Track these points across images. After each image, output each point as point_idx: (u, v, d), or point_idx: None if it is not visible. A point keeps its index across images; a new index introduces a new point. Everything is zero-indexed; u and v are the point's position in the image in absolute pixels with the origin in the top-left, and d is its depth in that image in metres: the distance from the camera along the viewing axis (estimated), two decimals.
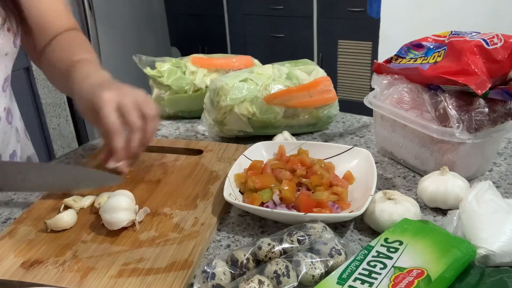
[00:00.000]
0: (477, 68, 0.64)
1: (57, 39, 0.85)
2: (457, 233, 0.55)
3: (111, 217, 0.60)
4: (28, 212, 0.66)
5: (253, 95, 0.85)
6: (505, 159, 0.79)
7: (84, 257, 0.56)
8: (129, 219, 0.60)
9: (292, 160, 0.71)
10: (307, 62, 0.97)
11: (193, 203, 0.67)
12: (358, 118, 1.00)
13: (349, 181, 0.69)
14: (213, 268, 0.50)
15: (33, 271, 0.54)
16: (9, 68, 0.79)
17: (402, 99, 0.74)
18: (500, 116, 0.67)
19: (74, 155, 0.88)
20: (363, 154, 0.72)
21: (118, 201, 0.60)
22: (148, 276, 0.53)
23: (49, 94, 2.39)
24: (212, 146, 0.84)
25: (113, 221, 0.60)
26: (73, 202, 0.66)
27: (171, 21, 3.61)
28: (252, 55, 1.07)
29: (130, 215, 0.60)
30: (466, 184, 0.65)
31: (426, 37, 0.75)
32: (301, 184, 0.67)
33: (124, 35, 2.94)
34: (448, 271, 0.47)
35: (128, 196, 0.63)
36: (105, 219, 0.60)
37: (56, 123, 2.46)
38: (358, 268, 0.48)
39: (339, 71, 3.07)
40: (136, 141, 0.67)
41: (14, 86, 0.84)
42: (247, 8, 3.27)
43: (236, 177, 0.69)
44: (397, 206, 0.60)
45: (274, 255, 0.52)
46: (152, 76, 1.00)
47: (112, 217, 0.60)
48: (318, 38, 3.07)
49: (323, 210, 0.61)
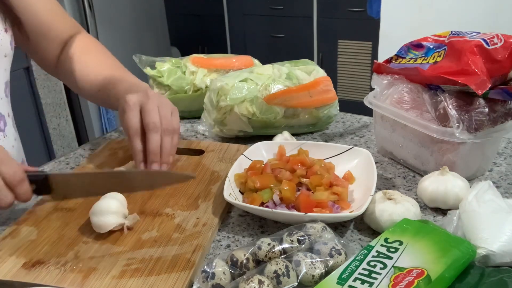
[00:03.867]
0: (477, 68, 0.64)
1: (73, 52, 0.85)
2: (457, 233, 0.55)
3: (98, 220, 0.59)
4: (29, 212, 0.66)
5: (253, 95, 0.85)
6: (505, 159, 0.79)
7: (86, 257, 0.57)
8: (117, 223, 0.59)
9: (292, 160, 0.71)
10: (307, 62, 0.97)
11: (195, 203, 0.67)
12: (358, 118, 1.00)
13: (349, 181, 0.69)
14: (213, 268, 0.50)
15: (34, 272, 0.54)
16: (8, 71, 0.79)
17: (402, 99, 0.74)
18: (500, 116, 0.67)
19: (74, 155, 0.88)
20: (363, 154, 0.72)
21: (107, 204, 0.59)
22: (150, 276, 0.53)
23: (49, 94, 2.39)
24: (213, 146, 0.84)
25: (100, 224, 0.59)
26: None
27: (171, 21, 3.61)
28: (252, 55, 1.07)
29: (118, 219, 0.59)
30: (466, 184, 0.65)
31: (426, 37, 0.75)
32: (301, 184, 0.67)
33: (124, 35, 2.94)
34: (448, 271, 0.47)
35: (119, 199, 0.61)
36: (93, 221, 0.59)
37: (56, 123, 2.46)
38: (358, 268, 0.48)
39: (339, 71, 3.07)
40: (155, 142, 0.68)
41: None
42: (247, 8, 3.27)
43: (236, 177, 0.69)
44: (397, 206, 0.60)
45: (274, 255, 0.52)
46: (152, 76, 1.00)
47: (99, 220, 0.59)
48: (318, 38, 3.07)
49: (323, 210, 0.61)
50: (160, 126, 0.69)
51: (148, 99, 0.70)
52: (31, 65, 2.10)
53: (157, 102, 0.71)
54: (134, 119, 0.69)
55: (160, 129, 0.69)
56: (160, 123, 0.69)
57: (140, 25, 3.22)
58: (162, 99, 0.73)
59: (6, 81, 0.78)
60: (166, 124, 0.70)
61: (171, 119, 0.71)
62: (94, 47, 0.89)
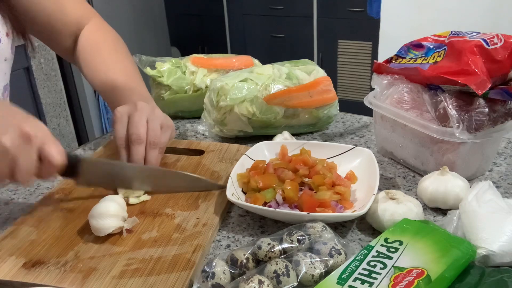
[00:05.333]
0: (477, 68, 0.64)
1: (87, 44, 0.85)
2: (457, 233, 0.55)
3: (97, 223, 0.58)
4: (29, 212, 0.66)
5: (253, 95, 0.85)
6: (505, 159, 0.79)
7: (86, 257, 0.57)
8: (116, 226, 0.59)
9: (295, 160, 0.71)
10: (307, 62, 0.97)
11: (195, 203, 0.67)
12: (358, 118, 1.00)
13: (352, 181, 0.69)
14: (213, 267, 0.50)
15: (34, 272, 0.54)
16: (7, 75, 0.79)
17: (402, 99, 0.74)
18: (500, 116, 0.67)
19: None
20: (365, 153, 0.72)
21: (106, 206, 0.59)
22: (150, 276, 0.53)
23: (49, 94, 2.39)
24: (213, 146, 0.84)
25: (99, 227, 0.58)
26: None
27: (171, 21, 3.61)
28: (252, 55, 1.07)
29: (117, 222, 0.59)
30: (466, 184, 0.65)
31: (426, 37, 0.75)
32: (303, 184, 0.67)
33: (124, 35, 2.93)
34: (448, 271, 0.47)
35: (118, 202, 0.61)
36: (92, 224, 0.59)
37: (56, 123, 2.46)
38: (358, 268, 0.48)
39: (339, 71, 3.07)
40: (138, 154, 0.69)
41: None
42: (247, 8, 3.27)
43: (239, 177, 0.69)
44: (399, 206, 0.60)
45: (274, 255, 0.52)
46: (152, 76, 1.00)
47: (98, 223, 0.58)
48: (318, 38, 3.07)
49: (326, 210, 0.61)
50: (146, 139, 0.69)
51: (136, 111, 0.70)
52: (31, 65, 2.11)
53: (146, 114, 0.70)
54: (121, 130, 0.69)
55: (144, 141, 0.68)
56: (145, 135, 0.69)
57: (140, 25, 3.22)
58: (155, 112, 0.72)
59: (5, 84, 0.78)
60: (152, 137, 0.69)
61: (159, 133, 0.70)
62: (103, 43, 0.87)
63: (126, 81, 0.81)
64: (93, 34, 0.87)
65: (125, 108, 0.71)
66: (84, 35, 0.86)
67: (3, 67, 0.76)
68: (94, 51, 0.85)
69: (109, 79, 0.80)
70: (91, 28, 0.88)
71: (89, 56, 0.84)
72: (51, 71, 2.39)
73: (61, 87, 2.47)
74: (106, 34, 0.89)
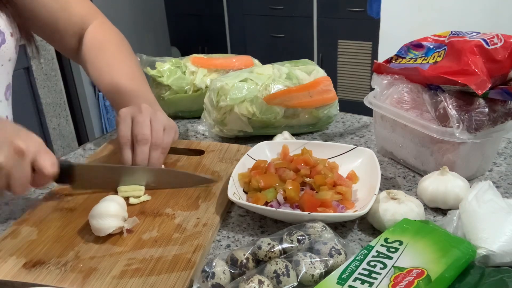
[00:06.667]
0: (477, 68, 0.64)
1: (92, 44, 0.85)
2: (457, 233, 0.55)
3: (97, 223, 0.58)
4: (30, 213, 0.66)
5: (253, 95, 0.85)
6: (505, 159, 0.79)
7: (87, 257, 0.57)
8: (116, 226, 0.59)
9: (296, 159, 0.71)
10: (307, 62, 0.97)
11: (195, 203, 0.67)
12: (358, 118, 1.00)
13: (353, 181, 0.69)
14: (213, 267, 0.50)
15: (35, 272, 0.54)
16: (10, 74, 0.79)
17: (402, 99, 0.74)
18: (500, 116, 0.67)
19: (74, 155, 0.88)
20: (366, 153, 0.72)
21: (107, 207, 0.59)
22: (151, 276, 0.53)
23: (49, 94, 2.39)
24: (213, 146, 0.84)
25: (100, 227, 0.58)
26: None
27: (171, 21, 3.61)
28: (252, 55, 1.07)
29: (117, 222, 0.59)
30: (466, 184, 0.65)
31: (426, 37, 0.75)
32: (305, 184, 0.67)
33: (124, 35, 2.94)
34: (448, 271, 0.47)
35: (118, 202, 0.61)
36: (92, 224, 0.59)
37: (56, 123, 2.46)
38: (358, 268, 0.48)
39: (339, 71, 3.07)
40: (142, 154, 0.69)
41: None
42: (247, 8, 3.27)
43: (240, 177, 0.69)
44: (400, 206, 0.60)
45: (274, 255, 0.52)
46: (152, 76, 1.00)
47: (98, 223, 0.58)
48: (318, 38, 3.07)
49: (327, 210, 0.61)
50: (150, 139, 0.70)
51: (140, 112, 0.71)
52: (31, 65, 2.10)
53: (149, 115, 0.71)
54: (125, 129, 0.70)
55: (149, 141, 0.70)
56: (150, 135, 0.70)
57: (140, 25, 3.22)
58: (158, 114, 0.73)
59: (7, 84, 0.78)
60: (156, 138, 0.70)
61: (162, 134, 0.71)
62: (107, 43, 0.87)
63: (131, 84, 0.81)
64: (97, 34, 0.87)
65: (129, 109, 0.72)
66: (89, 35, 0.86)
67: (7, 67, 0.76)
68: (99, 52, 0.85)
69: (114, 81, 0.81)
70: (96, 28, 0.87)
71: (94, 56, 0.84)
72: (51, 71, 2.39)
73: (61, 87, 2.47)
74: (110, 34, 0.89)
